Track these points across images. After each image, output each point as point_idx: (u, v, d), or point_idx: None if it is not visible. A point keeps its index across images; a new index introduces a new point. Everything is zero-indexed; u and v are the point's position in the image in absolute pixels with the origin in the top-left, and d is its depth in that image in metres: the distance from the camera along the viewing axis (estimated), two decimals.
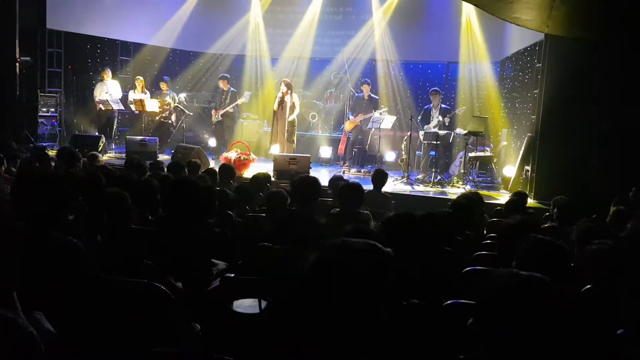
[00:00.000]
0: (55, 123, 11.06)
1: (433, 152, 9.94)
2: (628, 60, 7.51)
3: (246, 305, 3.52)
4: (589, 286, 2.56)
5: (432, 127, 10.02)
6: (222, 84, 11.23)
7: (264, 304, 3.44)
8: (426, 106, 10.46)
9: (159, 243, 3.30)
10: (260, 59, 13.95)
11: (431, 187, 9.14)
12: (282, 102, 10.35)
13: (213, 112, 11.31)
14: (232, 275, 3.55)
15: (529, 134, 8.80)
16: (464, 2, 10.35)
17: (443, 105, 10.23)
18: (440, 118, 9.96)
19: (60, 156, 6.92)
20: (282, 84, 10.45)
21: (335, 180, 6.45)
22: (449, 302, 2.38)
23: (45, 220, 2.51)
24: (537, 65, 8.69)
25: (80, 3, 10.74)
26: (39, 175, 2.63)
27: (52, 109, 11.01)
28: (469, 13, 12.09)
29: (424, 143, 10.10)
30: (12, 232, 1.97)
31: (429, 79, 12.83)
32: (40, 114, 10.80)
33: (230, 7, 13.67)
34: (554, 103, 8.10)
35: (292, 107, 10.41)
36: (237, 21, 13.66)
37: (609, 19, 6.76)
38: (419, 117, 10.46)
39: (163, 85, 11.74)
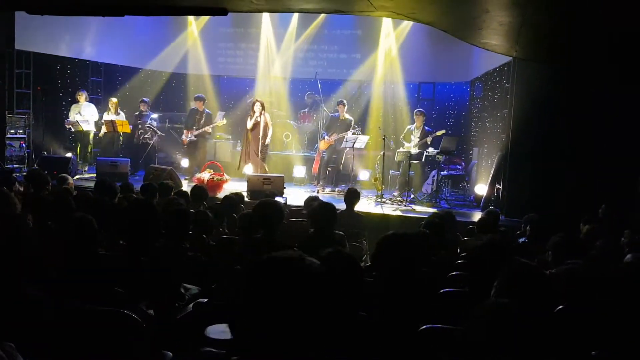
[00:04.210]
0: (24, 145, 10.84)
1: (410, 172, 10.02)
2: (593, 81, 7.71)
3: (219, 330, 3.46)
4: (561, 306, 2.59)
5: (412, 146, 10.11)
6: (197, 105, 11.17)
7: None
8: (409, 126, 10.55)
9: (130, 268, 3.23)
10: (233, 79, 13.96)
11: (404, 205, 9.19)
12: (256, 122, 10.31)
13: (185, 132, 11.21)
14: (205, 300, 3.50)
15: (499, 153, 8.94)
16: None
17: (427, 128, 10.28)
18: (417, 140, 10.06)
19: (29, 179, 6.77)
20: (257, 103, 10.41)
21: (310, 201, 6.43)
22: (425, 327, 2.37)
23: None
24: (507, 85, 8.86)
25: (49, 23, 10.60)
26: None
27: (21, 131, 10.79)
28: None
29: (402, 162, 10.17)
30: None
31: (400, 99, 12.98)
32: (9, 135, 10.58)
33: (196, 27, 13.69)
34: (523, 122, 8.26)
35: (266, 127, 10.40)
36: (207, 41, 13.69)
37: (575, 43, 6.95)
38: (401, 136, 10.56)
39: (143, 106, 11.64)
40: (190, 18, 13.39)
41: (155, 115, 12.01)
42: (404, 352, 2.30)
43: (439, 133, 9.97)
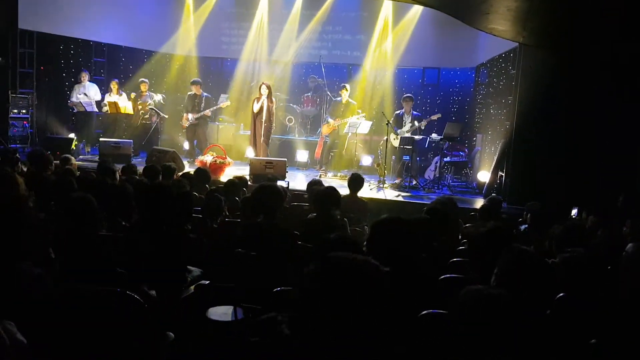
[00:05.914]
0: (27, 125, 10.83)
1: (407, 157, 9.96)
2: (598, 72, 7.65)
3: (221, 312, 3.49)
4: (561, 294, 2.59)
5: (405, 132, 10.06)
6: (194, 89, 11.12)
7: (238, 311, 3.41)
8: (398, 112, 10.51)
9: (132, 250, 3.24)
10: (237, 62, 13.88)
11: (406, 192, 9.18)
12: (262, 106, 10.24)
13: (184, 115, 11.17)
14: (207, 282, 3.52)
15: (503, 140, 8.90)
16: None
17: (415, 112, 10.25)
18: (416, 124, 10.01)
19: (31, 159, 6.77)
20: (263, 86, 10.33)
21: (312, 185, 6.42)
22: (425, 312, 2.37)
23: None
24: (512, 72, 8.79)
25: (53, 3, 10.55)
26: None
27: (24, 110, 10.78)
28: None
29: (399, 148, 10.14)
30: None
31: (405, 84, 12.91)
32: (12, 115, 10.57)
33: (200, 9, 13.58)
34: (528, 110, 8.21)
35: (272, 110, 10.36)
36: (210, 23, 13.60)
37: (581, 33, 6.89)
38: (391, 121, 10.50)
39: (143, 87, 11.62)
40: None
41: (159, 97, 11.97)
42: (403, 337, 2.31)
43: (434, 117, 9.92)
